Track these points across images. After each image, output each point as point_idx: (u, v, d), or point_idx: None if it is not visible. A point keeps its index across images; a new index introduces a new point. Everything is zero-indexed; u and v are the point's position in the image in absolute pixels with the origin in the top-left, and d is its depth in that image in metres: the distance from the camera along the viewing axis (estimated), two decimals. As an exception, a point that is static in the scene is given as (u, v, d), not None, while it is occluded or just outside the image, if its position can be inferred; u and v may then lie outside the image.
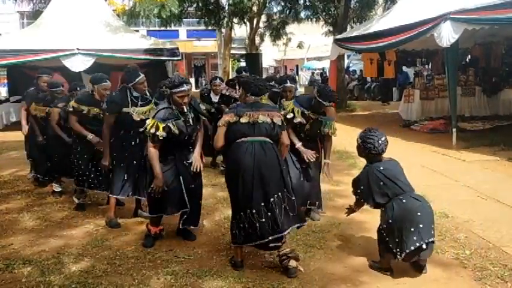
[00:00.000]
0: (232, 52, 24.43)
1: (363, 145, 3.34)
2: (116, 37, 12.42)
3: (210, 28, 19.00)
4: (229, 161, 3.48)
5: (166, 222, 4.16)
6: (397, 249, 3.14)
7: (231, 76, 19.56)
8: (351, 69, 22.88)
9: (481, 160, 6.95)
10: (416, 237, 3.08)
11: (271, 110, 3.48)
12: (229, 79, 7.20)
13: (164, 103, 3.74)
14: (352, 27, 15.65)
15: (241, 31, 24.45)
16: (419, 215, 3.14)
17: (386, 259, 3.29)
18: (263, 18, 21.85)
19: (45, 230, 4.40)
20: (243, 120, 3.32)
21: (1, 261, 3.66)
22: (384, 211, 3.26)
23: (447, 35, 7.46)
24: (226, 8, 16.72)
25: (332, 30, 17.31)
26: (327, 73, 20.54)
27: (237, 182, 3.32)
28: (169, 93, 3.63)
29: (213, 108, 6.42)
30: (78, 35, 11.48)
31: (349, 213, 3.68)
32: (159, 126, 3.56)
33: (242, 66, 15.53)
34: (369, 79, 20.00)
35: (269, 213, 3.25)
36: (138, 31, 16.65)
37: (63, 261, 3.63)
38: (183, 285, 3.21)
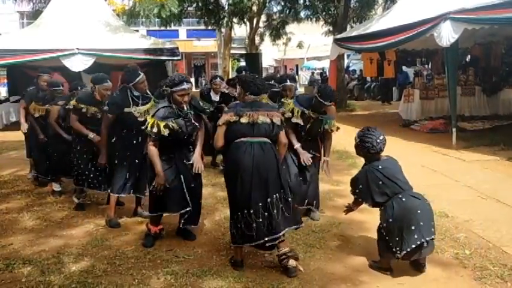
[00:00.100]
0: (232, 52, 24.42)
1: (361, 144, 3.34)
2: (116, 37, 12.40)
3: (209, 28, 18.98)
4: (228, 161, 3.48)
5: (166, 222, 4.16)
6: (397, 248, 3.15)
7: (231, 75, 19.56)
8: (351, 69, 22.87)
9: (481, 160, 6.95)
10: (417, 235, 3.10)
11: (271, 109, 3.48)
12: (230, 78, 7.20)
13: (164, 102, 3.74)
14: (352, 27, 15.64)
15: (241, 31, 24.45)
16: (419, 213, 3.15)
17: (386, 259, 3.30)
18: (263, 18, 21.84)
19: (45, 230, 4.40)
20: (243, 120, 3.32)
21: (1, 261, 3.66)
22: (384, 210, 3.26)
23: (447, 35, 7.47)
24: (226, 8, 16.70)
25: (332, 29, 17.31)
26: (327, 73, 20.52)
27: (236, 182, 3.32)
28: (170, 92, 3.63)
29: (212, 106, 6.41)
30: (78, 34, 11.48)
31: (348, 212, 3.70)
32: (160, 125, 3.56)
33: (242, 65, 15.53)
34: (368, 79, 20.00)
35: (266, 213, 3.26)
36: (138, 31, 16.65)
37: (63, 261, 3.63)
38: (183, 284, 3.21)
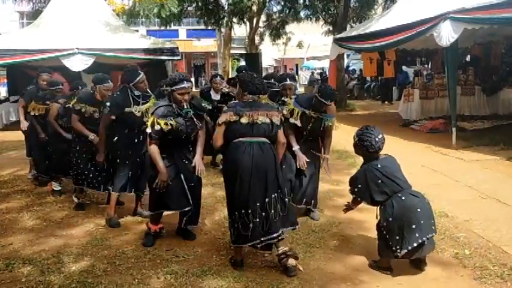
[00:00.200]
0: (232, 52, 24.38)
1: (359, 143, 3.34)
2: (116, 37, 12.39)
3: (209, 28, 18.97)
4: (227, 161, 3.48)
5: (166, 222, 4.16)
6: (397, 247, 3.15)
7: (231, 75, 19.54)
8: (351, 68, 22.86)
9: (481, 159, 6.95)
10: (418, 234, 3.11)
11: (270, 109, 3.48)
12: (230, 78, 7.18)
13: (164, 101, 3.74)
14: (351, 27, 15.65)
15: (240, 31, 24.41)
16: (419, 211, 3.15)
17: (386, 258, 3.30)
18: (263, 18, 21.80)
19: (45, 230, 4.40)
20: (243, 120, 3.32)
21: (1, 260, 3.66)
22: (383, 209, 3.26)
23: (447, 35, 7.48)
24: (226, 8, 16.69)
25: (332, 29, 17.31)
26: (327, 73, 20.50)
27: (235, 182, 3.32)
28: (170, 90, 3.63)
29: (212, 105, 6.38)
30: (77, 34, 11.47)
31: (347, 211, 3.70)
32: (160, 123, 3.56)
33: (242, 65, 15.52)
34: (368, 79, 20.00)
35: (263, 213, 3.26)
36: (137, 31, 16.64)
37: (63, 261, 3.63)
38: (183, 284, 3.21)
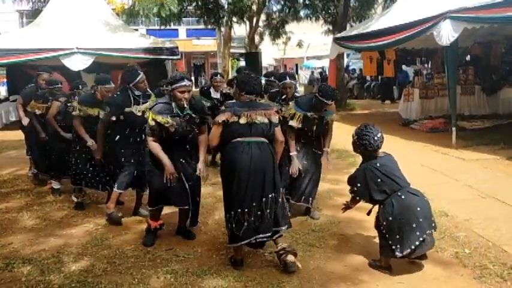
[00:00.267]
0: (231, 51, 24.38)
1: (358, 141, 3.33)
2: (116, 36, 12.39)
3: (209, 27, 18.98)
4: (225, 160, 3.47)
5: (166, 221, 4.16)
6: (397, 246, 3.15)
7: (231, 75, 19.54)
8: (351, 68, 22.85)
9: (481, 159, 6.95)
10: (418, 232, 3.11)
11: (268, 108, 3.48)
12: (230, 79, 7.18)
13: (165, 99, 3.74)
14: (351, 26, 15.64)
15: (240, 30, 24.40)
16: (419, 210, 3.16)
17: (386, 257, 3.29)
18: (262, 17, 21.79)
19: (44, 229, 4.40)
20: (242, 121, 3.31)
21: (1, 260, 3.66)
22: (383, 208, 3.26)
23: (447, 34, 7.47)
24: (226, 7, 16.69)
25: (331, 29, 17.32)
26: (327, 72, 20.50)
27: (232, 182, 3.32)
28: (171, 89, 3.63)
29: (211, 103, 6.35)
30: (77, 34, 11.46)
31: (345, 210, 3.70)
32: (156, 118, 3.55)
33: (242, 66, 15.49)
34: (368, 78, 19.99)
35: (259, 212, 3.27)
36: (137, 30, 16.60)
37: (63, 260, 3.63)
38: (183, 284, 3.21)
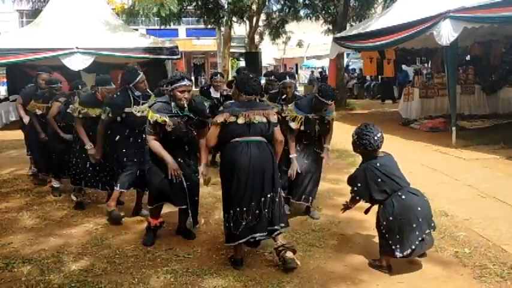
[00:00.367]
0: (231, 51, 24.40)
1: (358, 141, 3.32)
2: (115, 36, 12.38)
3: (209, 27, 18.97)
4: (224, 160, 3.48)
5: (166, 221, 4.16)
6: (397, 246, 3.15)
7: (230, 74, 19.55)
8: (351, 67, 22.86)
9: (481, 158, 6.95)
10: (418, 232, 3.12)
11: (266, 108, 3.48)
12: (230, 80, 7.18)
13: (164, 98, 3.74)
14: (351, 26, 15.62)
15: (240, 30, 24.41)
16: (419, 210, 3.16)
17: (386, 257, 3.29)
18: (262, 17, 21.79)
19: (44, 229, 4.40)
20: (240, 121, 3.31)
21: (1, 260, 3.66)
22: (383, 208, 3.26)
23: (447, 34, 7.47)
24: (226, 7, 16.69)
25: (331, 28, 17.30)
26: (327, 72, 20.52)
27: (231, 181, 3.32)
28: (171, 88, 3.62)
29: (211, 102, 6.33)
30: (77, 33, 11.45)
31: (345, 210, 3.69)
32: (154, 116, 3.55)
33: (242, 66, 15.49)
34: (368, 78, 19.99)
35: (257, 211, 3.27)
36: (137, 30, 16.61)
37: (63, 260, 3.63)
38: (183, 283, 3.21)
